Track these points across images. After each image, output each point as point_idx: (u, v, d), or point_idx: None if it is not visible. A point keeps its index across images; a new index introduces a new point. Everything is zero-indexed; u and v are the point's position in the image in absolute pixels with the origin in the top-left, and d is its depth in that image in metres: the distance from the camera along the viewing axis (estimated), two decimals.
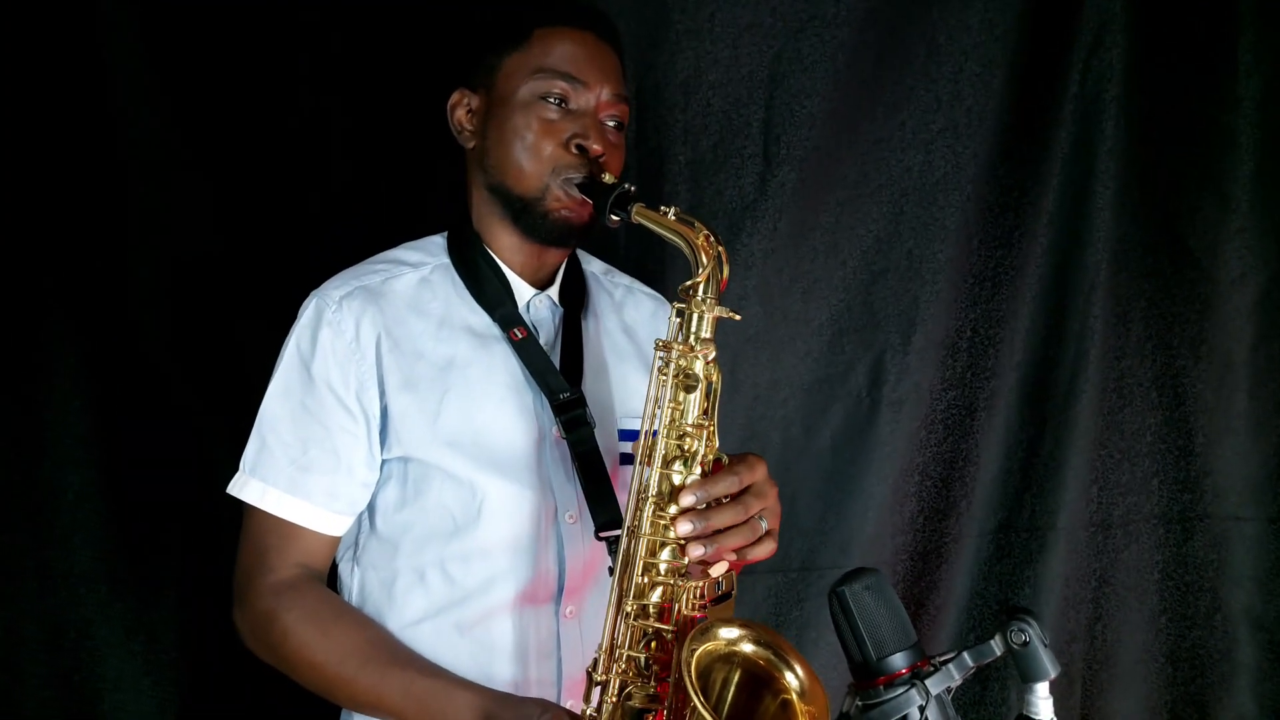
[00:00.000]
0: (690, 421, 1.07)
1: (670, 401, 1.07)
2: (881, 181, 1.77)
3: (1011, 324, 1.80)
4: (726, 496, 1.04)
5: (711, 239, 1.07)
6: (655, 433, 1.07)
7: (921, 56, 1.75)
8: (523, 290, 1.27)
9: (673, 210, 1.11)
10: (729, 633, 1.00)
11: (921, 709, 0.79)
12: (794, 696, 0.97)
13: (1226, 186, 1.78)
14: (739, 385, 1.75)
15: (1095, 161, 1.77)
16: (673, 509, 1.04)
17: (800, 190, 1.74)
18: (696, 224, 1.08)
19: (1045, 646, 0.79)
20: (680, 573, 1.05)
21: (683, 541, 1.03)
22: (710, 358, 1.08)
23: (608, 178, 1.18)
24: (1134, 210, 1.81)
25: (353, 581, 1.24)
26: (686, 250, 1.08)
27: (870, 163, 1.76)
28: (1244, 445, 1.83)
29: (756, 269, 1.73)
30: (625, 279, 1.43)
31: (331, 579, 1.26)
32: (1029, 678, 0.81)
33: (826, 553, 1.77)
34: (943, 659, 0.81)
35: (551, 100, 1.21)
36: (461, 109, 1.28)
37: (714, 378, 1.08)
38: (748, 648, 1.00)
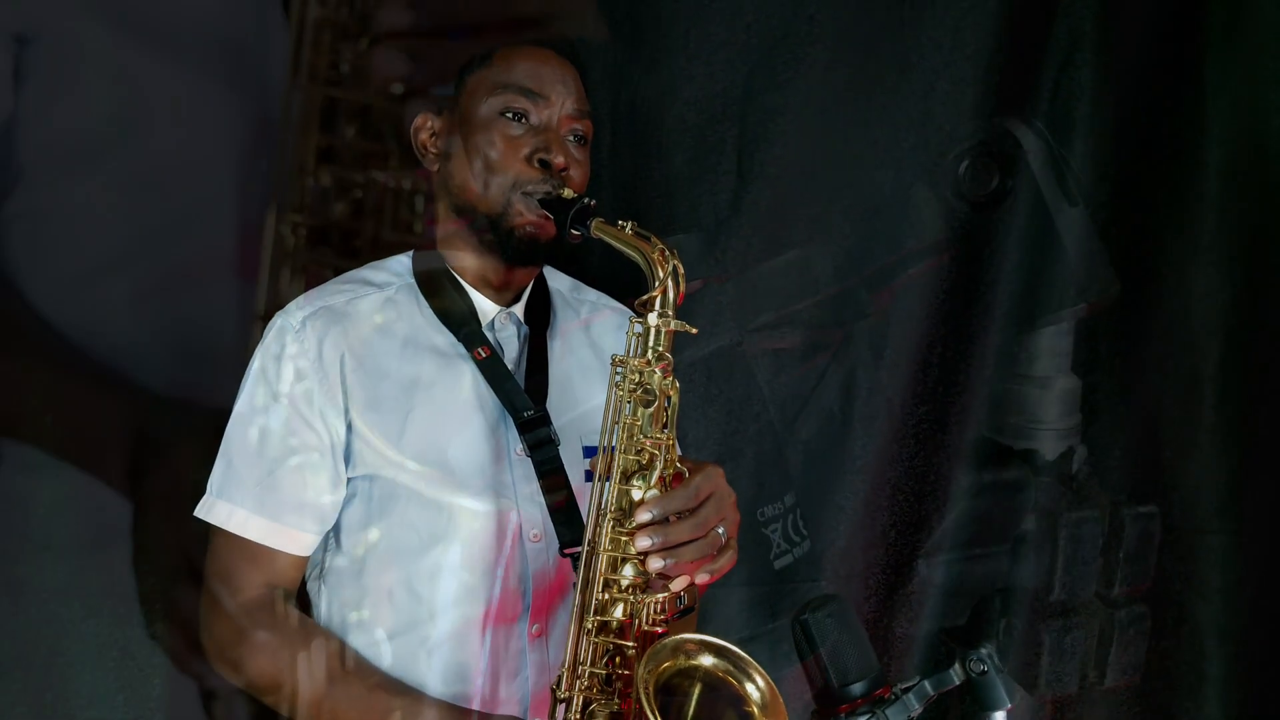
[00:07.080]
0: (648, 436, 1.07)
1: (628, 416, 1.08)
2: (854, 198, 1.78)
3: (982, 339, 1.82)
4: (685, 510, 1.05)
5: (666, 253, 1.08)
6: (613, 448, 1.08)
7: (893, 75, 1.77)
8: (487, 309, 1.27)
9: (630, 225, 1.11)
10: (688, 647, 1.00)
11: None
12: (755, 709, 0.97)
13: (1193, 204, 1.81)
14: (713, 400, 1.76)
15: (1065, 180, 1.79)
16: (632, 524, 1.05)
17: (774, 206, 1.75)
18: (653, 239, 1.10)
19: (1002, 673, 0.80)
20: (641, 588, 1.06)
21: (642, 556, 1.04)
22: (667, 371, 1.09)
23: (567, 193, 1.18)
24: (1103, 227, 1.83)
25: (320, 600, 1.24)
26: (643, 264, 1.09)
27: (842, 179, 1.78)
28: (1210, 459, 1.85)
29: (730, 284, 1.74)
30: (592, 294, 1.42)
31: (301, 598, 1.26)
32: (987, 706, 0.82)
33: (799, 567, 1.78)
34: (904, 687, 0.82)
35: (512, 116, 1.21)
36: (425, 132, 1.28)
37: (671, 392, 1.09)
38: (707, 661, 1.00)
